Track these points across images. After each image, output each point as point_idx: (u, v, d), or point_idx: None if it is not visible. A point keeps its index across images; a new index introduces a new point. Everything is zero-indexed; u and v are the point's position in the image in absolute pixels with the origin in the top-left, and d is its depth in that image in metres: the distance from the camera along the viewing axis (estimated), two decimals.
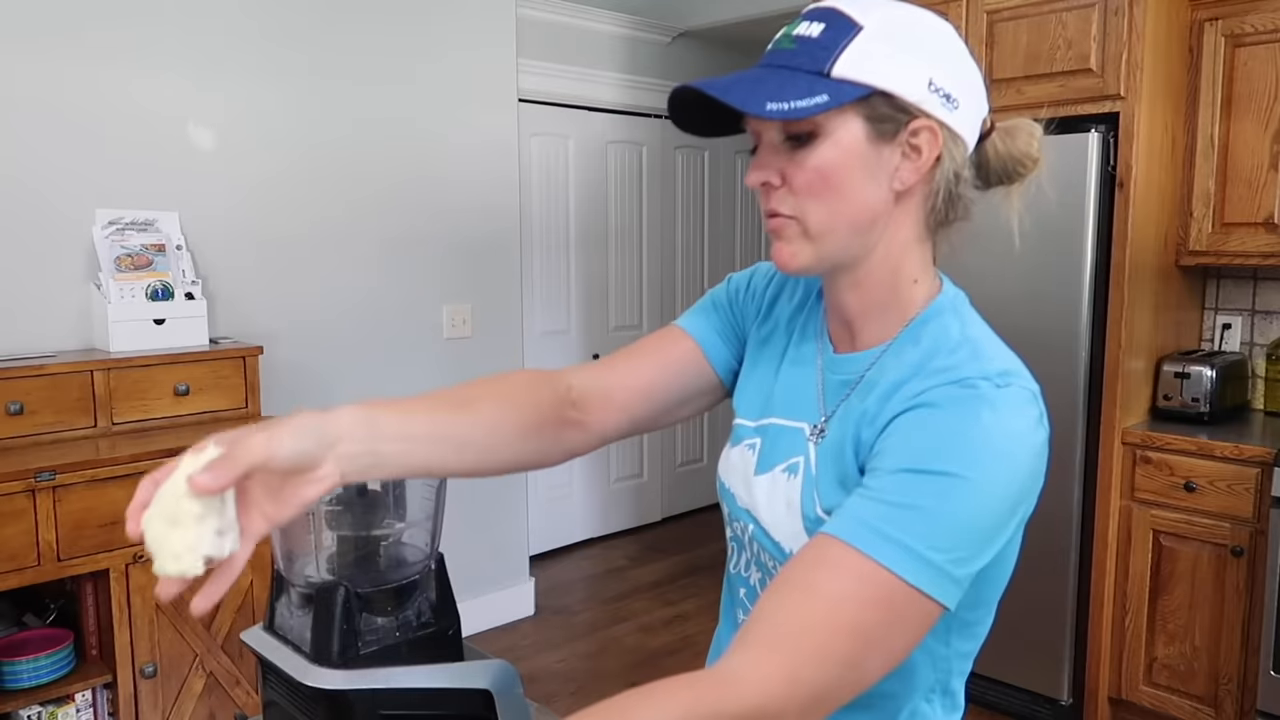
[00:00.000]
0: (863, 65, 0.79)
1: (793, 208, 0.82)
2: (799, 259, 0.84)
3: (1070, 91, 2.61)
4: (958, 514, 0.72)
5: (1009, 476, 0.74)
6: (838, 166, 0.80)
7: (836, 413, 0.88)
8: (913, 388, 0.79)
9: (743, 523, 0.94)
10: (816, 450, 0.88)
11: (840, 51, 0.79)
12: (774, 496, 0.89)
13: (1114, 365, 2.61)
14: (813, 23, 0.81)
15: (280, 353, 2.90)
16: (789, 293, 1.00)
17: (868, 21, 0.80)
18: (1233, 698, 2.50)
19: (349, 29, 3.04)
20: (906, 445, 0.75)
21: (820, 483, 0.86)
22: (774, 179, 0.82)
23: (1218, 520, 2.50)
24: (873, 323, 0.88)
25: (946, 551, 0.72)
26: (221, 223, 2.80)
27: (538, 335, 4.10)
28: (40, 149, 2.47)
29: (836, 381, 0.90)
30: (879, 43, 0.79)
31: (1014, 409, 0.76)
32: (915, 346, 0.84)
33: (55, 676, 2.18)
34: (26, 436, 2.27)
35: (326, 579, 0.95)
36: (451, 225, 3.36)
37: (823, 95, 0.78)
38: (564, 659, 3.35)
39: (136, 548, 2.21)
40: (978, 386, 0.76)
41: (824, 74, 0.78)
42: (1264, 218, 2.62)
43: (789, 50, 0.81)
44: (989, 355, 0.82)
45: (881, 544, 0.71)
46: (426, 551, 1.00)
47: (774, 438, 0.93)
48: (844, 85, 0.78)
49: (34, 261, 2.48)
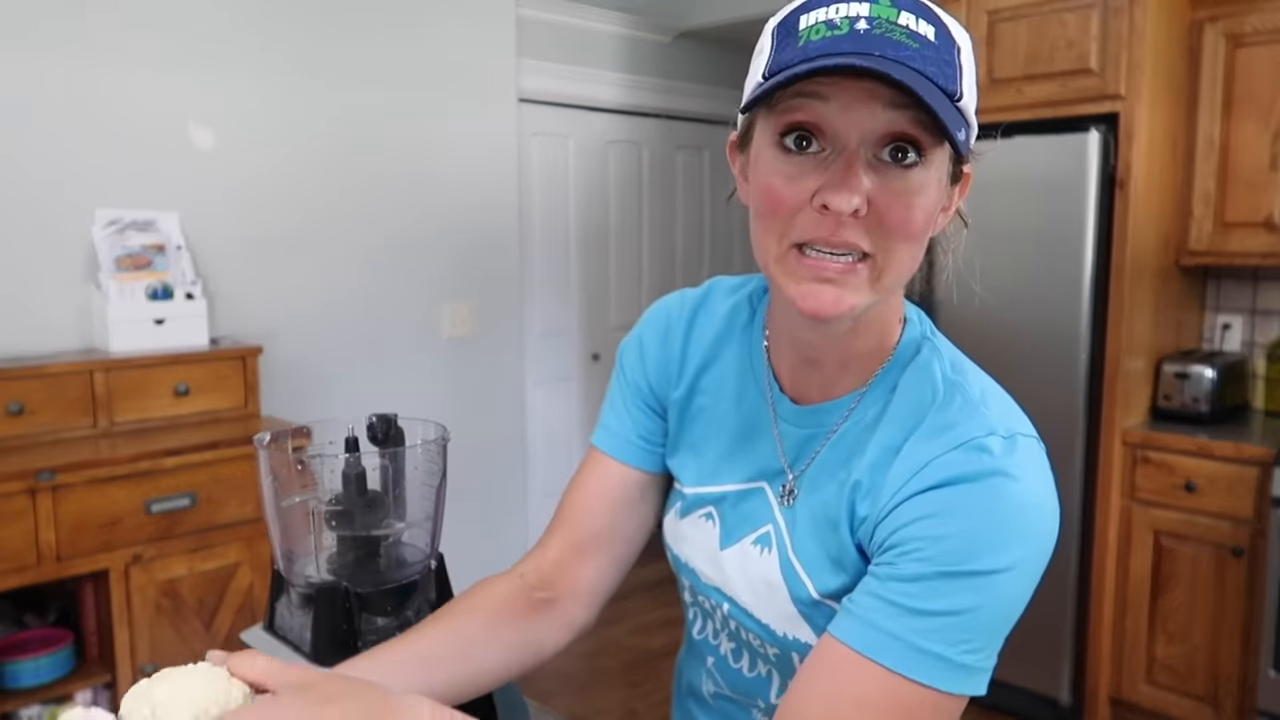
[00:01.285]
0: (971, 95, 0.66)
1: (874, 245, 0.66)
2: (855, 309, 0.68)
3: (1070, 91, 2.61)
4: (993, 611, 0.66)
5: (1040, 551, 0.68)
6: (932, 205, 0.67)
7: (806, 471, 0.78)
8: (914, 456, 0.69)
9: (712, 600, 0.86)
10: (785, 516, 0.79)
11: (960, 73, 0.65)
12: (749, 573, 0.80)
13: (1114, 365, 2.61)
14: (919, 19, 0.64)
15: (280, 352, 2.90)
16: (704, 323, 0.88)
17: (960, 40, 0.66)
18: (1233, 698, 2.50)
19: (350, 29, 3.04)
20: (931, 542, 0.66)
21: (803, 558, 0.77)
22: (864, 206, 0.65)
23: (1218, 520, 2.50)
24: (848, 374, 0.77)
25: (982, 650, 0.67)
26: (221, 222, 2.80)
27: (538, 335, 4.10)
28: (40, 149, 2.47)
29: (800, 436, 0.79)
30: (971, 70, 0.66)
31: (1032, 473, 0.68)
32: (896, 397, 0.74)
33: (55, 676, 2.18)
34: (26, 436, 2.27)
35: (326, 579, 0.94)
36: (452, 225, 3.36)
37: (963, 128, 0.64)
38: (563, 659, 3.35)
39: (137, 548, 2.21)
40: (989, 450, 0.67)
41: (955, 98, 0.64)
42: (1264, 218, 2.62)
43: (912, 49, 0.63)
44: (978, 400, 0.72)
45: (916, 659, 0.65)
46: (426, 551, 1.00)
47: (733, 505, 0.83)
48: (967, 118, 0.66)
49: (34, 261, 2.48)
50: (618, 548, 0.93)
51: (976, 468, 0.67)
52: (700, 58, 4.56)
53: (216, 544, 2.33)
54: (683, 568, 0.90)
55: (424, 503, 1.01)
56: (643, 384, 0.91)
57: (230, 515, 2.34)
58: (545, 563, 0.92)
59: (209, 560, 2.32)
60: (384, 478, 0.98)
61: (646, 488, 0.92)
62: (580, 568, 0.91)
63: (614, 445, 0.91)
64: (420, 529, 1.00)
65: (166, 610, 2.26)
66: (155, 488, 2.23)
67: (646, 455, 0.91)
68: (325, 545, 0.95)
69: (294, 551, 0.96)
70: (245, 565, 2.38)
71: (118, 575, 2.19)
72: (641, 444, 0.91)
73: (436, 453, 1.00)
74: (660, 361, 0.90)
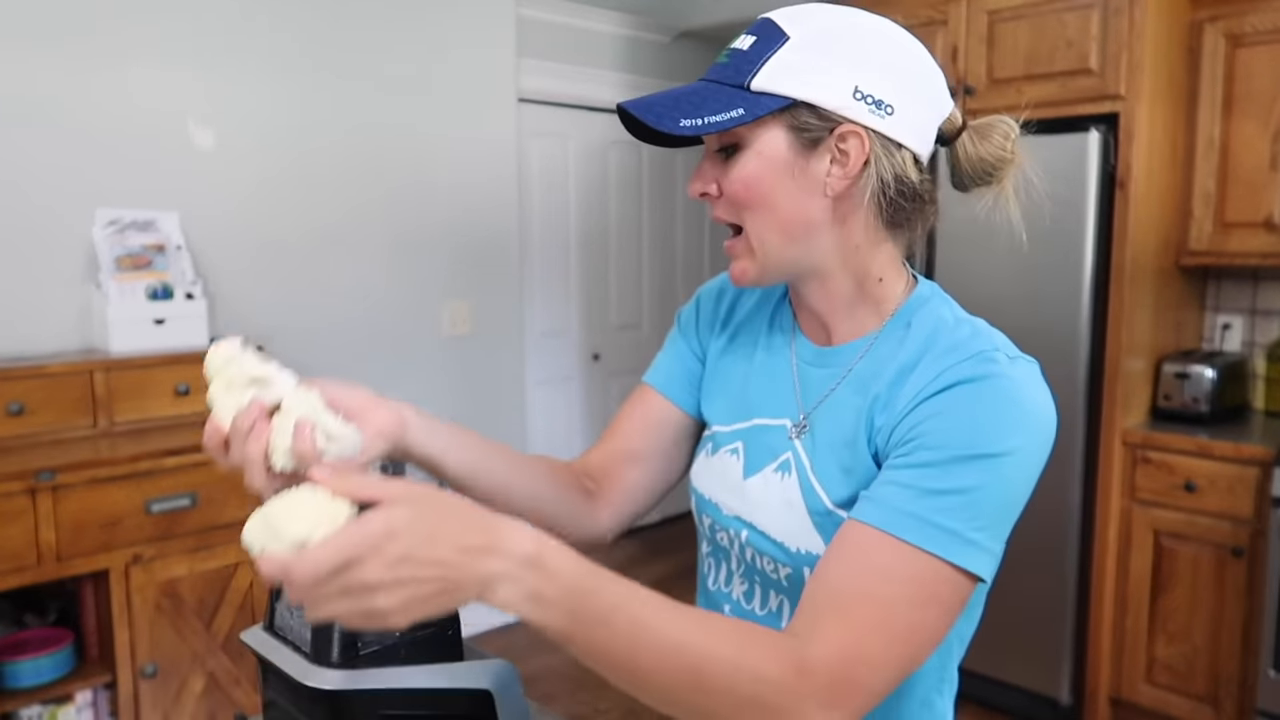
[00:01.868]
0: (782, 77, 0.80)
1: (734, 216, 0.85)
2: (748, 274, 0.87)
3: (1070, 91, 2.61)
4: (997, 492, 0.75)
5: (1038, 445, 0.78)
6: (761, 177, 0.83)
7: (820, 407, 0.89)
8: (929, 369, 0.80)
9: (732, 531, 0.93)
10: (803, 445, 0.88)
11: (761, 64, 0.81)
12: (769, 497, 0.89)
13: (1114, 365, 2.61)
14: (748, 35, 0.83)
15: (280, 352, 2.90)
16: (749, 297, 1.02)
17: (794, 32, 0.81)
18: (1233, 698, 2.50)
19: (349, 29, 3.04)
20: (941, 432, 0.76)
21: (821, 476, 0.86)
22: (711, 189, 0.86)
23: (1218, 520, 2.50)
24: (846, 319, 0.90)
25: (989, 528, 0.75)
26: (221, 222, 2.80)
27: (538, 335, 4.10)
28: (40, 149, 2.47)
29: (818, 375, 0.90)
30: (802, 53, 0.80)
31: (1033, 381, 0.80)
32: (909, 331, 0.85)
33: (55, 676, 2.18)
34: (26, 436, 2.27)
35: None
36: (452, 224, 3.36)
37: (738, 109, 0.80)
38: (564, 659, 3.35)
39: (137, 548, 2.21)
40: (996, 360, 0.78)
41: (744, 87, 0.81)
42: (1264, 218, 2.62)
43: (722, 64, 0.83)
44: (988, 333, 0.84)
45: (932, 533, 0.73)
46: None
47: (757, 439, 0.93)
48: (761, 98, 0.81)
49: (34, 261, 2.48)
50: (652, 469, 1.03)
51: (983, 371, 0.78)
52: (700, 58, 4.56)
53: (216, 544, 2.33)
54: (705, 505, 0.98)
55: None
56: (692, 333, 1.05)
57: (230, 515, 2.34)
58: (591, 462, 1.04)
59: (209, 560, 2.32)
60: None
61: (681, 428, 1.04)
62: (620, 471, 1.02)
63: (661, 381, 1.04)
64: None
65: (166, 610, 2.27)
66: (155, 488, 2.23)
67: (688, 396, 1.03)
68: None
69: None
70: (245, 565, 2.38)
71: (118, 575, 2.19)
72: (684, 384, 1.03)
73: None
74: (710, 314, 1.04)
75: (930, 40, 2.87)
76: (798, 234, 0.84)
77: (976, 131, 0.89)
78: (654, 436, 1.03)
